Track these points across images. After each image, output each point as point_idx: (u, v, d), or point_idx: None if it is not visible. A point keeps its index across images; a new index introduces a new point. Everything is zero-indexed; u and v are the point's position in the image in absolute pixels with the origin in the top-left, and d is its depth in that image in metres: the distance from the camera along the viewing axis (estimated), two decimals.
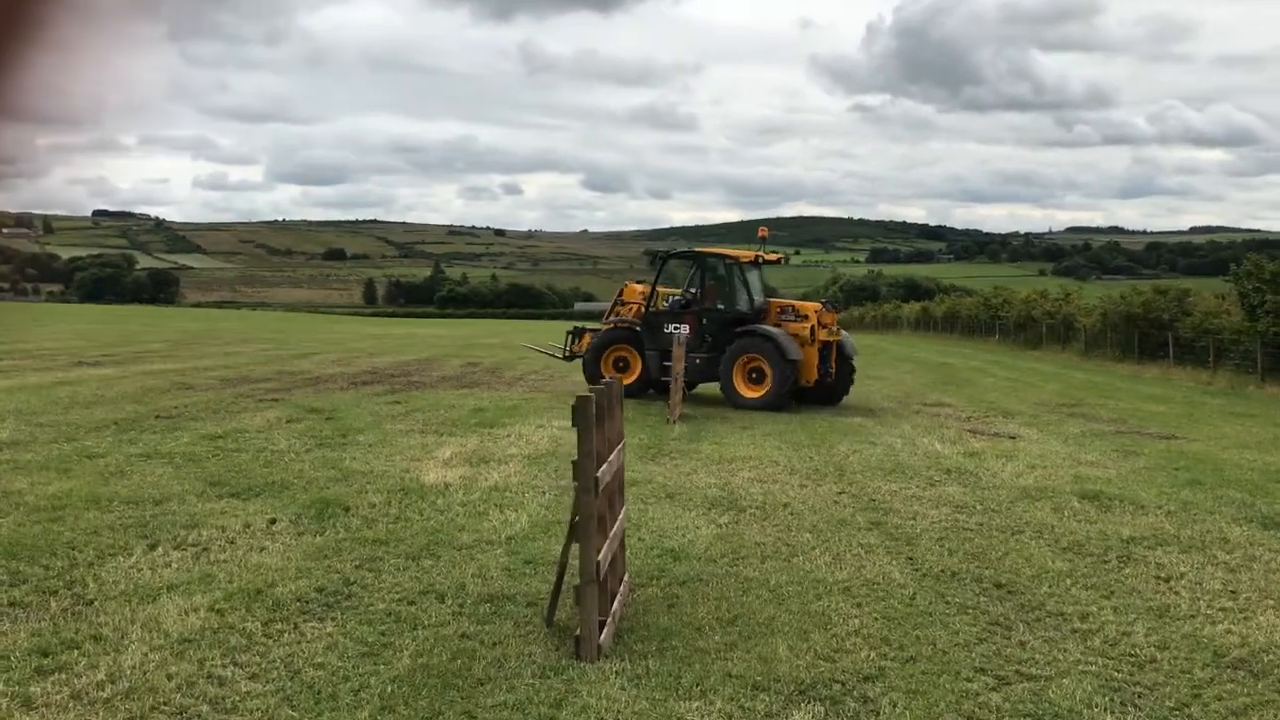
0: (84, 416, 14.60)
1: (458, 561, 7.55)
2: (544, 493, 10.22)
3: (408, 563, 7.50)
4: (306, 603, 6.49)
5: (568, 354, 21.45)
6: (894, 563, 7.84)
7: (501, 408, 17.34)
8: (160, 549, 7.69)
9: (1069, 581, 7.42)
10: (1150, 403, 21.67)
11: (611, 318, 20.34)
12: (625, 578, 6.75)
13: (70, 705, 4.84)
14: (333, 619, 6.19)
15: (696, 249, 20.53)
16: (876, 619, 6.43)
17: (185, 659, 5.44)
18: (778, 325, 18.78)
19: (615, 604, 6.10)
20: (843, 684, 5.34)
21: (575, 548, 5.80)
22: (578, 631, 5.62)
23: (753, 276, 19.55)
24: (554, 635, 6.00)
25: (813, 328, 18.83)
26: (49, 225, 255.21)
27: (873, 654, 5.79)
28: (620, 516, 6.69)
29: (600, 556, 5.64)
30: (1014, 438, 15.25)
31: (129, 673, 5.22)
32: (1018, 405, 20.13)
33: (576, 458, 5.59)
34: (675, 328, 19.01)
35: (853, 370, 19.87)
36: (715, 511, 9.54)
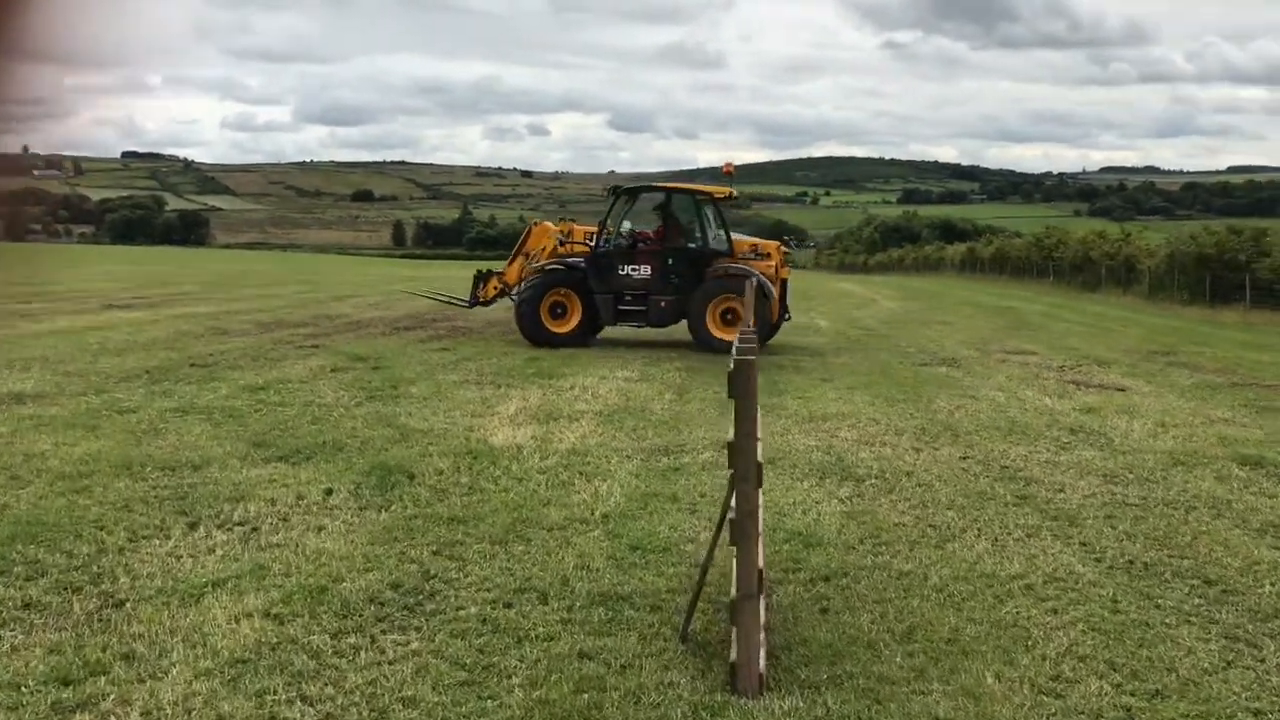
0: (114, 365, 13.52)
1: (552, 547, 6.38)
2: (629, 457, 9.03)
3: (494, 548, 6.34)
4: (381, 604, 5.34)
5: (473, 300, 19.23)
6: (1068, 550, 6.60)
7: (557, 356, 16.14)
8: (202, 529, 6.57)
9: None
10: (1251, 350, 20.16)
11: (530, 262, 18.16)
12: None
13: None
14: (416, 629, 5.03)
15: (661, 184, 18.84)
16: (1084, 631, 5.19)
17: (240, 690, 4.30)
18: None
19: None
20: None
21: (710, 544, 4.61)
22: (732, 656, 4.43)
23: (718, 214, 18.13)
24: (692, 653, 4.82)
25: (776, 266, 17.66)
26: (79, 166, 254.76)
27: (1104, 685, 4.56)
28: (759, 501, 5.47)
29: (762, 563, 4.44)
30: (1123, 390, 13.91)
31: (170, 712, 4.08)
32: (1107, 353, 18.73)
33: (732, 438, 4.36)
34: (631, 269, 17.47)
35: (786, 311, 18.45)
36: (829, 482, 8.32)
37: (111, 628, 4.90)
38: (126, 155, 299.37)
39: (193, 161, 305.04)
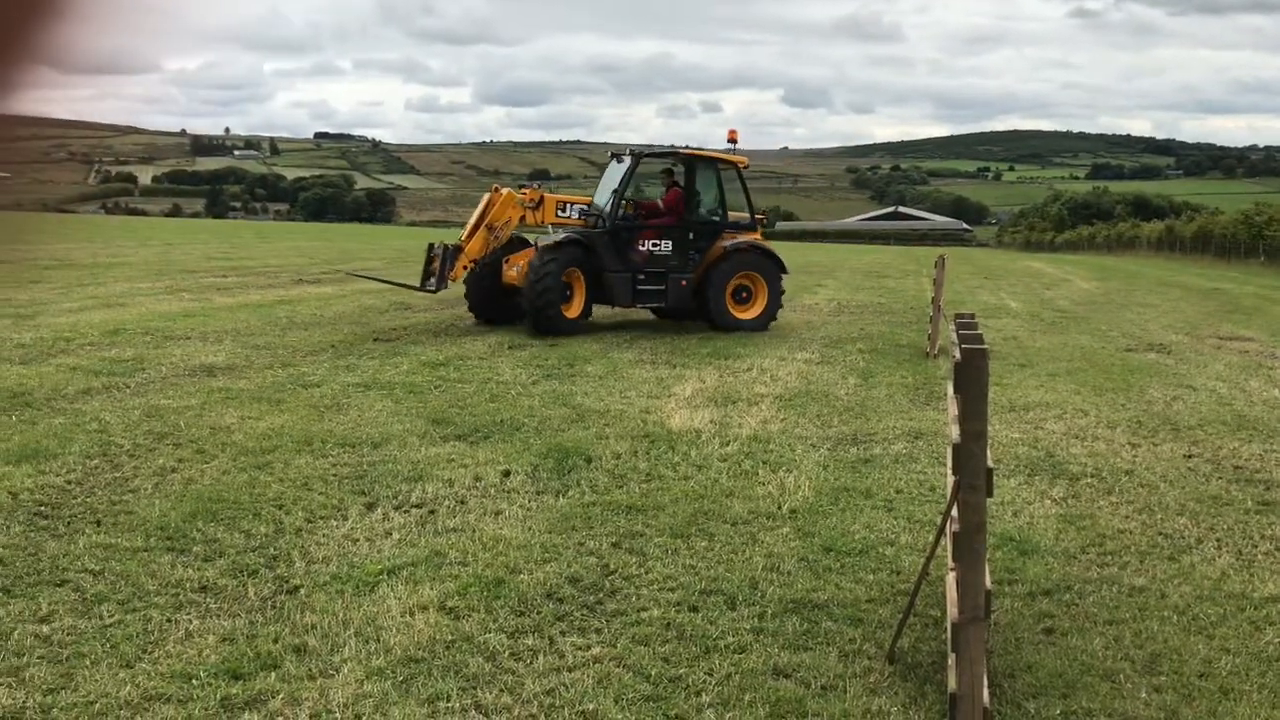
0: (301, 339, 13.78)
1: (737, 545, 5.94)
2: (815, 446, 8.51)
3: (675, 542, 5.95)
4: (560, 600, 5.02)
5: (438, 282, 15.04)
6: None
7: (731, 336, 15.63)
8: (379, 510, 6.41)
9: None
10: None
11: (493, 235, 15.23)
12: None
13: None
14: (596, 631, 4.69)
15: (681, 149, 17.19)
16: None
17: (411, 694, 4.03)
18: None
19: None
20: None
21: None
22: (951, 686, 3.90)
23: (741, 184, 16.76)
24: (901, 676, 4.31)
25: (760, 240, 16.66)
26: (275, 147, 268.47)
27: None
28: None
29: (989, 583, 3.89)
30: None
31: (339, 716, 3.83)
32: None
33: (958, 440, 3.82)
34: (653, 244, 15.56)
35: None
36: (1039, 479, 7.61)
37: (284, 616, 4.72)
38: (319, 136, 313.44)
39: (380, 142, 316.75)
